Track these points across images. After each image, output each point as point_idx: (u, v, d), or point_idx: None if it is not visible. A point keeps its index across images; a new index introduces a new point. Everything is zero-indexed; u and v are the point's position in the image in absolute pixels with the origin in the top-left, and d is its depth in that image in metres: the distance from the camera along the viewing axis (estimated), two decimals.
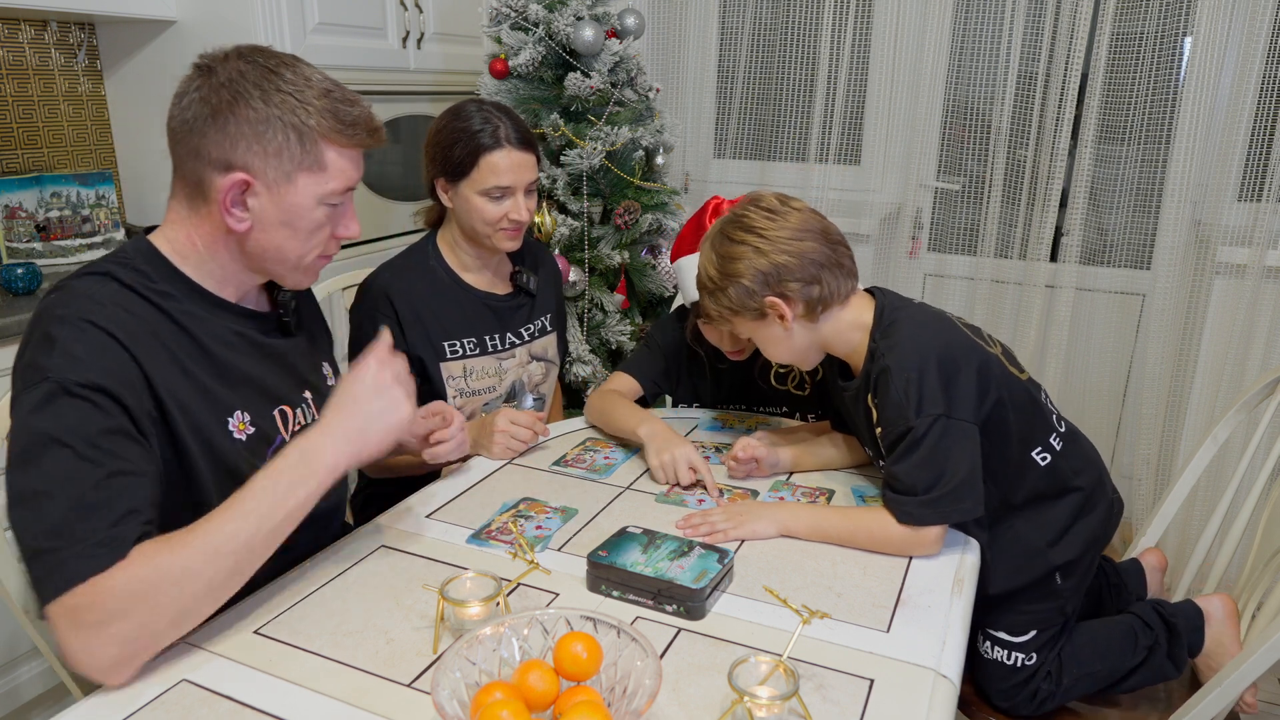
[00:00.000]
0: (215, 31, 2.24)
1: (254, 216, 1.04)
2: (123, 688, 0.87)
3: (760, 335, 1.30)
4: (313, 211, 1.06)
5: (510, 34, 2.25)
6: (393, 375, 1.04)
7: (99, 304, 0.96)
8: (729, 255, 1.25)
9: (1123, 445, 2.61)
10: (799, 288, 1.23)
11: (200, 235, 1.06)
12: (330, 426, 1.00)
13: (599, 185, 2.32)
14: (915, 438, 1.16)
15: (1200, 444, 1.54)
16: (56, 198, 2.20)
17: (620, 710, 0.79)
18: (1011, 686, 1.33)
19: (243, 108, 1.00)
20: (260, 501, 0.93)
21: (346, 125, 1.05)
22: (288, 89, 1.01)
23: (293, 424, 1.17)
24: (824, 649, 0.96)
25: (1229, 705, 1.15)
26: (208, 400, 1.04)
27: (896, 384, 1.18)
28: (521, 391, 1.72)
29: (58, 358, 0.91)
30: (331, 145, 1.04)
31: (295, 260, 1.09)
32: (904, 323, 1.23)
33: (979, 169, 2.59)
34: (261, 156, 1.01)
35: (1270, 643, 1.08)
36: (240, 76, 1.01)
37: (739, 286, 1.24)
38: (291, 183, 1.03)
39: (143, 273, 1.03)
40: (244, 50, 1.04)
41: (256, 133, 1.00)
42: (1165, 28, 2.29)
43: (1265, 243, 2.25)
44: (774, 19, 2.74)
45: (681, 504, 1.31)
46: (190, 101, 1.01)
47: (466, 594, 0.98)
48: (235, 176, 1.01)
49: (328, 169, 1.05)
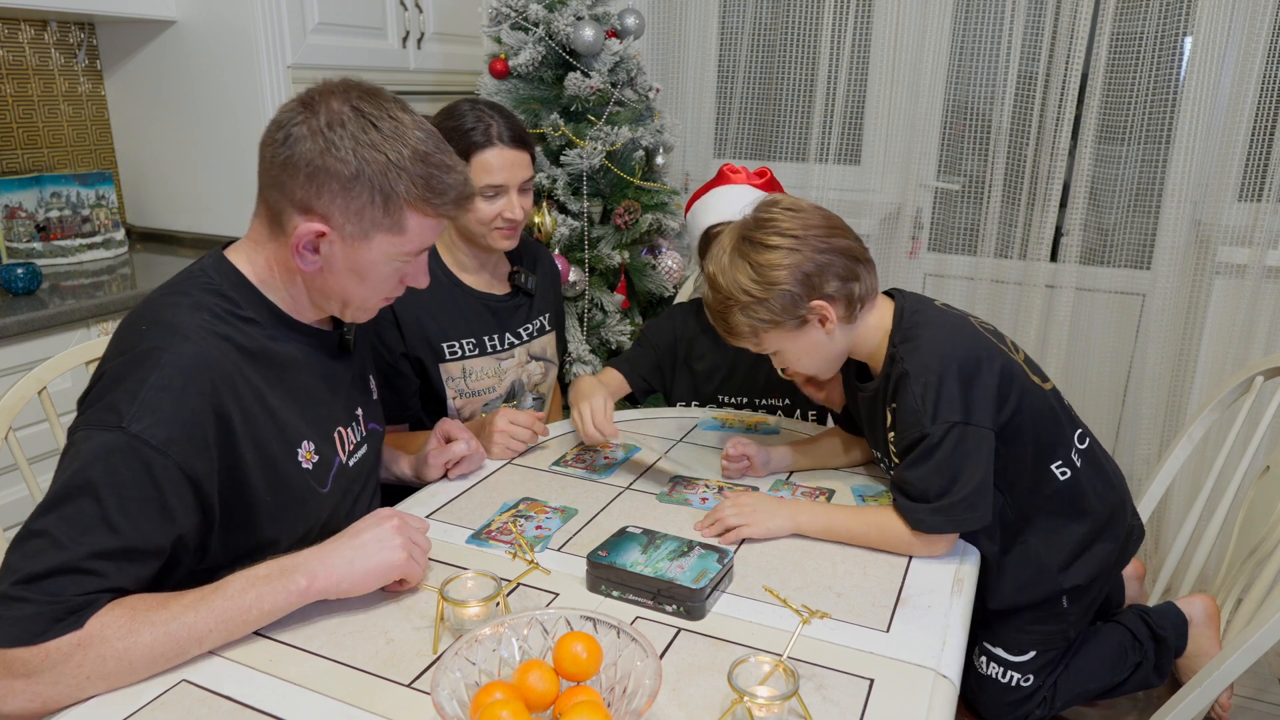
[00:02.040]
0: (215, 31, 2.24)
1: (324, 261, 1.04)
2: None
3: (796, 345, 1.23)
4: (383, 267, 1.06)
5: (510, 34, 2.25)
6: (396, 521, 1.02)
7: (193, 342, 0.96)
8: (764, 262, 1.17)
9: (1123, 445, 2.61)
10: (839, 286, 1.18)
11: (278, 262, 1.07)
12: (322, 550, 0.99)
13: (599, 185, 2.32)
14: (930, 445, 1.15)
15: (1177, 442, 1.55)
16: (56, 198, 2.20)
17: (620, 710, 0.79)
18: (1004, 704, 1.32)
19: (334, 161, 0.98)
20: (228, 600, 0.92)
21: (435, 194, 1.02)
22: (384, 146, 0.99)
23: (348, 444, 1.19)
24: (824, 649, 0.96)
25: (1206, 707, 1.15)
26: (282, 433, 1.05)
27: (914, 389, 1.16)
28: (521, 391, 1.72)
29: (139, 409, 0.90)
30: (416, 212, 1.03)
31: (358, 304, 1.10)
32: (925, 326, 1.21)
33: (979, 169, 2.59)
34: (343, 211, 1.00)
35: (1247, 645, 1.09)
36: (340, 124, 0.98)
37: (781, 294, 1.17)
38: (367, 240, 1.02)
39: (231, 299, 1.04)
40: (351, 89, 1.01)
41: (343, 188, 0.99)
42: (1165, 28, 2.29)
43: (1265, 243, 2.25)
44: (774, 19, 2.74)
45: (684, 504, 1.31)
46: (285, 136, 0.99)
47: (466, 594, 0.98)
48: (313, 226, 1.00)
49: (406, 233, 1.04)
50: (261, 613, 0.93)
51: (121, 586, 0.89)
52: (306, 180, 0.99)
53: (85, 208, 2.24)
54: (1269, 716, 2.01)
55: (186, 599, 0.91)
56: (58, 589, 0.84)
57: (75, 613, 0.85)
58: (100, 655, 0.85)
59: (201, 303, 1.01)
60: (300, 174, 0.99)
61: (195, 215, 2.46)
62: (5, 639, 0.83)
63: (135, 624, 0.87)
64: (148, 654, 0.87)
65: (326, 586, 0.96)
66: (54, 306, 1.83)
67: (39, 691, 0.84)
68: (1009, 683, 1.31)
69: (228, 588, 0.93)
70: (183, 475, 0.92)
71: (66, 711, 0.85)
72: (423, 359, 1.59)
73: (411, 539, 1.02)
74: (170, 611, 0.89)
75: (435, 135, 1.04)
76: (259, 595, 0.93)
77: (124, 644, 0.86)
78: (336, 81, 1.02)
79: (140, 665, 0.87)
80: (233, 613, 0.91)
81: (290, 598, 0.94)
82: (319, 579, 0.96)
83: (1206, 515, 1.54)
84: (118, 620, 0.86)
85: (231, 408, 0.98)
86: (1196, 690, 1.13)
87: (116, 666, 0.86)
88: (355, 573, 0.97)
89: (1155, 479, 1.56)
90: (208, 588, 0.92)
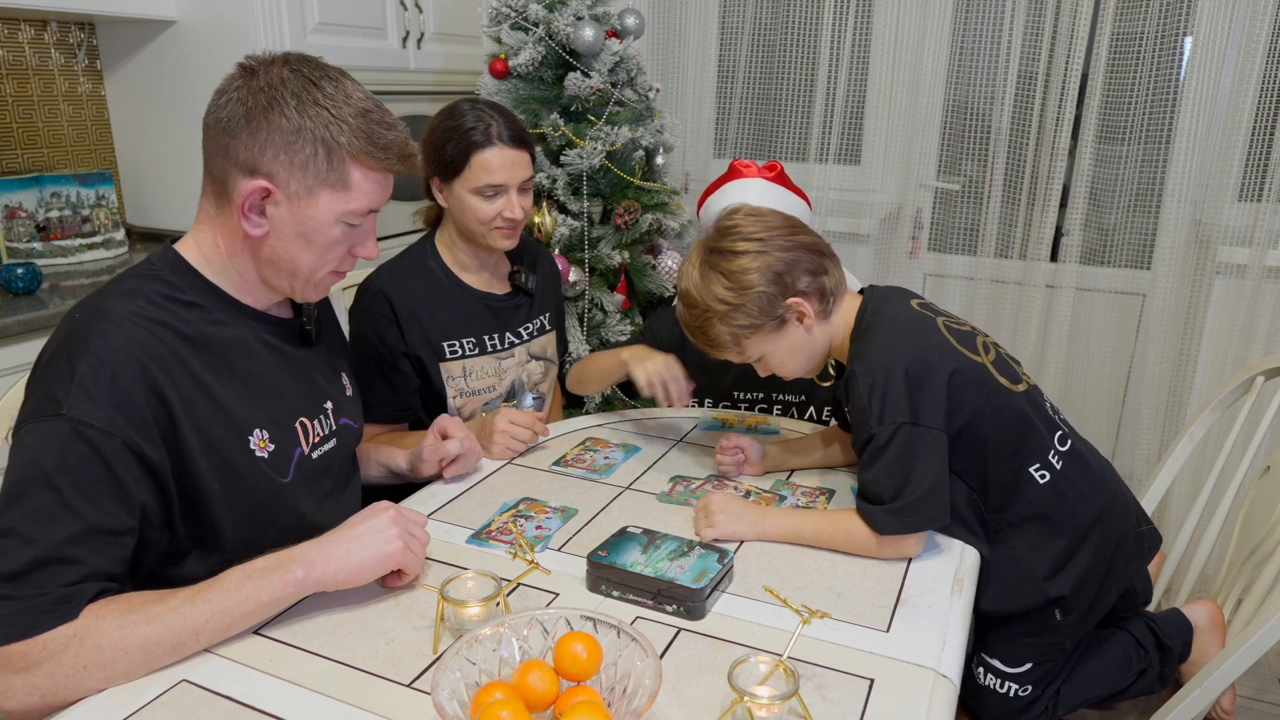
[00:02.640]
0: (215, 32, 2.24)
1: (271, 224, 1.04)
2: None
3: (778, 347, 1.26)
4: (330, 228, 1.05)
5: (510, 34, 2.25)
6: (392, 513, 1.02)
7: (123, 327, 0.96)
8: (735, 269, 1.21)
9: (1123, 445, 2.61)
10: (810, 280, 1.22)
11: (223, 236, 1.06)
12: (319, 542, 0.99)
13: (599, 185, 2.33)
14: (878, 445, 1.16)
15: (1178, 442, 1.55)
16: (56, 198, 2.20)
17: (620, 710, 0.79)
18: (1006, 713, 1.31)
19: (276, 115, 0.99)
20: (225, 593, 0.92)
21: (378, 148, 1.04)
22: (325, 102, 1.01)
23: (313, 435, 1.17)
24: (824, 649, 0.96)
25: (1207, 707, 1.15)
26: (229, 421, 1.04)
27: (861, 390, 1.17)
28: (521, 391, 1.72)
29: (75, 394, 0.91)
30: (359, 165, 1.04)
31: (306, 274, 1.09)
32: (878, 327, 1.22)
33: (979, 169, 2.59)
34: (287, 167, 1.01)
35: (1248, 645, 1.09)
36: (280, 83, 1.00)
37: (757, 296, 1.20)
38: (313, 197, 1.03)
39: (171, 284, 1.03)
40: (291, 57, 1.04)
41: (286, 142, 1.00)
42: (1165, 28, 2.29)
43: (1265, 243, 2.25)
44: (774, 19, 2.74)
45: (685, 504, 1.31)
46: (228, 100, 1.01)
47: (466, 594, 0.98)
48: (257, 183, 1.01)
49: (351, 188, 1.04)
50: (259, 604, 0.93)
51: (102, 570, 0.89)
52: (249, 139, 1.00)
53: (85, 208, 2.24)
54: (1269, 716, 2.01)
55: (183, 593, 0.91)
56: (39, 582, 0.85)
57: (64, 603, 0.85)
58: (97, 645, 0.85)
59: (137, 289, 1.01)
60: (243, 133, 1.00)
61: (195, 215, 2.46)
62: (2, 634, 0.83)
63: (131, 616, 0.87)
64: (144, 645, 0.87)
65: (324, 577, 0.96)
66: (54, 306, 1.83)
67: (37, 685, 0.84)
68: (1008, 693, 1.30)
69: (225, 580, 0.93)
70: (129, 452, 0.92)
71: (67, 711, 0.85)
72: (423, 358, 1.59)
73: (408, 530, 1.02)
74: (167, 604, 0.89)
75: (375, 99, 1.06)
76: (256, 587, 0.93)
77: (120, 634, 0.86)
78: (278, 53, 1.05)
79: (137, 656, 0.87)
80: (230, 605, 0.92)
81: (287, 588, 0.95)
82: (316, 569, 0.96)
83: (1207, 515, 1.53)
84: (114, 612, 0.87)
85: (168, 390, 0.97)
86: (1197, 690, 1.13)
87: (113, 656, 0.86)
88: (351, 564, 0.97)
89: (1156, 479, 1.56)
90: (205, 583, 0.93)
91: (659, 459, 1.48)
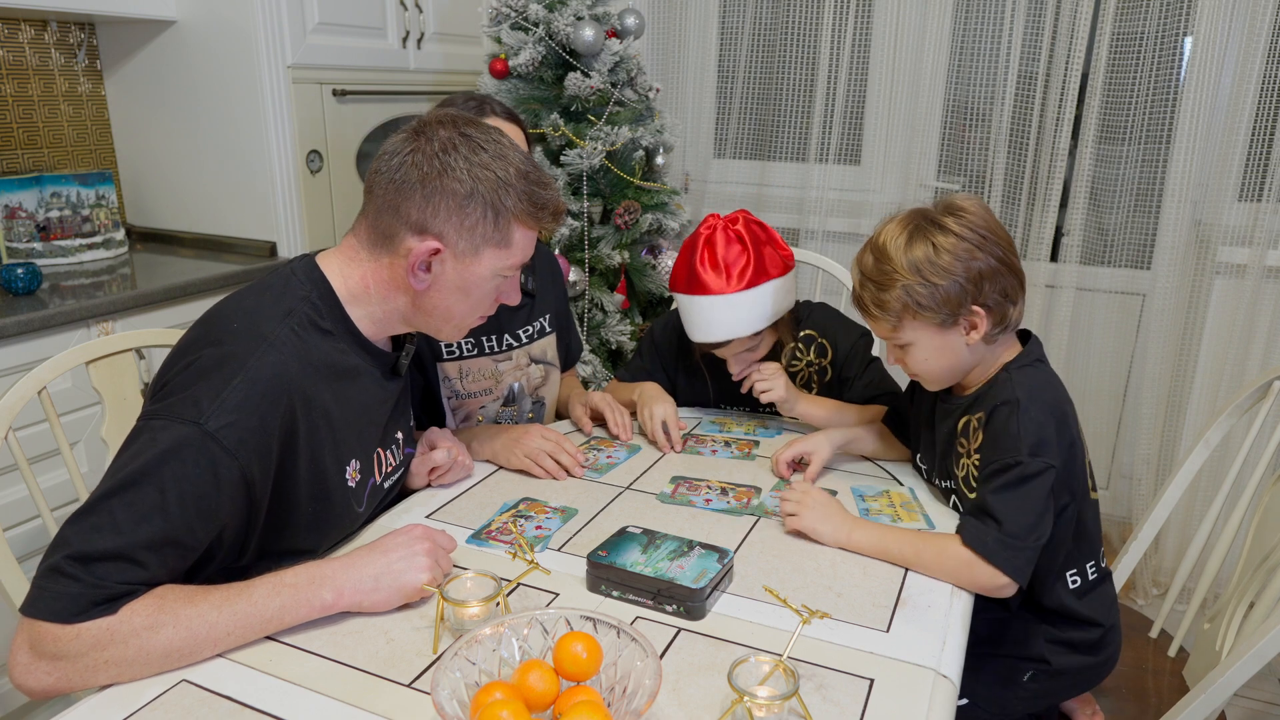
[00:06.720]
0: (215, 32, 2.24)
1: (434, 279, 1.09)
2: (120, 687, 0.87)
3: (933, 343, 1.19)
4: (488, 282, 1.11)
5: (510, 34, 2.25)
6: (428, 544, 1.03)
7: (280, 354, 1.01)
8: (946, 246, 1.14)
9: (1123, 445, 2.61)
10: (1000, 301, 1.16)
11: (376, 280, 1.10)
12: (351, 562, 1.00)
13: (599, 185, 2.33)
14: (1023, 474, 1.11)
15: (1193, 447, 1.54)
16: (56, 198, 2.20)
17: (620, 710, 0.79)
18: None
19: (450, 180, 1.04)
20: (253, 605, 0.93)
21: (538, 209, 1.10)
22: (494, 167, 1.06)
23: (385, 465, 1.22)
24: (824, 649, 0.96)
25: (1215, 711, 1.15)
26: (337, 450, 1.09)
27: (1024, 417, 1.13)
28: (520, 395, 1.71)
29: (219, 409, 0.94)
30: (521, 225, 1.10)
31: (459, 321, 1.15)
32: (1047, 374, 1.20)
33: (979, 169, 2.59)
34: (457, 229, 1.06)
35: (1253, 651, 1.08)
36: (452, 147, 1.05)
37: (949, 284, 1.14)
38: (477, 255, 1.08)
39: (316, 308, 1.08)
40: (456, 118, 1.09)
41: (458, 205, 1.05)
42: (1165, 28, 2.29)
43: (1265, 243, 2.25)
44: (774, 19, 2.74)
45: (686, 504, 1.31)
46: (401, 162, 1.06)
47: (466, 594, 0.98)
48: (429, 244, 1.05)
49: (512, 246, 1.10)
50: (283, 623, 0.96)
51: (160, 579, 0.91)
52: (423, 201, 1.05)
53: (85, 208, 2.24)
54: (1270, 716, 2.01)
55: (213, 598, 0.92)
56: (105, 574, 0.87)
57: (113, 600, 0.87)
58: (124, 644, 0.87)
59: (293, 311, 1.05)
60: (417, 195, 1.05)
61: (195, 215, 2.46)
62: (44, 611, 0.85)
63: (161, 616, 0.88)
64: (164, 649, 0.88)
65: (351, 604, 0.99)
66: (54, 306, 1.83)
67: (59, 671, 0.86)
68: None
69: (254, 592, 0.94)
70: (243, 480, 0.96)
71: (67, 711, 0.85)
72: (421, 357, 1.59)
73: (438, 561, 1.03)
74: (197, 609, 0.90)
75: (529, 156, 1.12)
76: (283, 605, 0.95)
77: (147, 637, 0.87)
78: (442, 114, 1.11)
79: (155, 660, 0.88)
80: (255, 618, 0.93)
81: (314, 611, 0.97)
82: (345, 596, 0.98)
83: (1222, 521, 1.52)
84: (146, 609, 0.88)
85: (300, 423, 1.02)
86: (1202, 696, 1.12)
87: (135, 656, 0.87)
88: (380, 596, 0.99)
89: (1173, 483, 1.53)
90: (235, 588, 0.94)
91: (659, 459, 1.48)
